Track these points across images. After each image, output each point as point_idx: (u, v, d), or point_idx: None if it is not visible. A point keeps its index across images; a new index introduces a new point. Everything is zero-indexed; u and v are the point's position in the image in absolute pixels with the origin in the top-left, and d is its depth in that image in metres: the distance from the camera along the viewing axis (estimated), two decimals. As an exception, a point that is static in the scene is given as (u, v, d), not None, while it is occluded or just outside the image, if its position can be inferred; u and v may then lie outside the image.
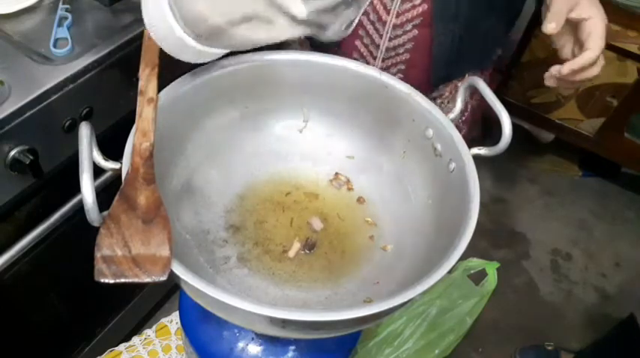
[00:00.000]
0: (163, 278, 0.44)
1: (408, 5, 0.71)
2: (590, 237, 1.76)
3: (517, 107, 1.69)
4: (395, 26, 0.73)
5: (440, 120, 0.61)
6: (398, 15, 0.72)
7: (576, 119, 1.68)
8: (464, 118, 0.85)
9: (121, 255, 0.45)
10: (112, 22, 0.84)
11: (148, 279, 0.44)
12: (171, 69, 0.58)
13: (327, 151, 0.70)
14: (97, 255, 0.44)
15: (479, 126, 1.27)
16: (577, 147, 1.77)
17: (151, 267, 0.45)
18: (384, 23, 0.73)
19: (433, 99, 0.84)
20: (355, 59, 0.78)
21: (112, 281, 0.44)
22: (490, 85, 0.61)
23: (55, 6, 0.82)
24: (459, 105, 0.62)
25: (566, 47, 0.64)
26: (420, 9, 0.71)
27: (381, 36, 0.75)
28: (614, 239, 1.75)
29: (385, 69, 0.78)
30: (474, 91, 0.71)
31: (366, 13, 0.73)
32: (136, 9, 0.86)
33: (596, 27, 0.59)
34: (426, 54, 0.76)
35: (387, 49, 0.76)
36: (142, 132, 0.50)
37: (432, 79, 0.79)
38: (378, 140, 0.68)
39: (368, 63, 0.78)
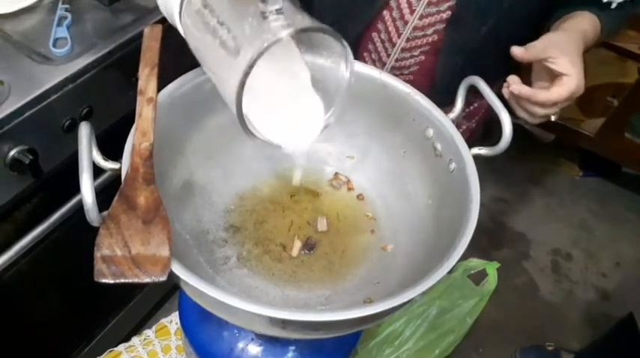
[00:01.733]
0: (163, 278, 0.44)
1: (432, 9, 0.73)
2: (591, 237, 1.75)
3: (517, 107, 1.69)
4: (415, 28, 0.74)
5: (440, 119, 0.60)
6: (420, 19, 0.74)
7: (577, 119, 1.68)
8: (470, 110, 0.85)
9: (121, 255, 0.45)
10: (112, 21, 0.84)
11: (147, 279, 0.44)
12: (171, 69, 0.58)
13: (327, 151, 0.70)
14: (97, 255, 0.44)
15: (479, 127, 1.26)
16: (577, 147, 1.77)
17: (150, 267, 0.45)
18: (405, 22, 0.74)
19: None
20: (369, 52, 0.79)
21: (111, 281, 0.44)
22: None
23: (55, 6, 0.82)
24: (459, 105, 0.62)
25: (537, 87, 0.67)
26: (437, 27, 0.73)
27: (389, 55, 0.77)
28: (615, 239, 1.75)
29: (396, 68, 0.79)
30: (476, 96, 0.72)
31: (389, 9, 0.74)
32: (136, 9, 0.86)
33: (568, 83, 0.62)
34: (429, 76, 0.78)
35: (403, 50, 0.77)
36: (141, 132, 0.50)
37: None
38: (378, 140, 0.68)
39: (380, 59, 0.79)
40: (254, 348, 0.69)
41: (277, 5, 0.45)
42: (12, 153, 0.72)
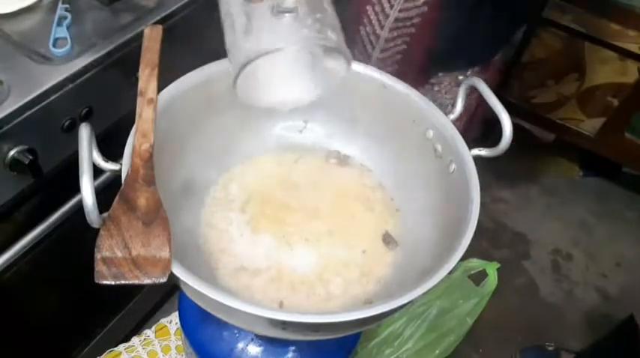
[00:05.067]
0: (163, 279, 0.44)
1: None
2: (591, 237, 1.75)
3: (517, 107, 1.69)
4: (396, 19, 0.74)
5: (440, 121, 0.60)
6: None
7: (577, 119, 1.68)
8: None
9: (121, 257, 0.45)
10: (112, 21, 0.84)
11: (147, 281, 0.44)
12: (171, 69, 0.58)
13: (327, 151, 0.70)
14: (97, 256, 0.44)
15: (478, 127, 1.26)
16: (577, 147, 1.77)
17: (151, 269, 0.45)
18: (386, 15, 0.74)
19: (431, 86, 0.84)
20: (364, 24, 0.79)
21: (112, 283, 0.44)
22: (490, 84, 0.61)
23: (55, 5, 0.82)
24: (459, 105, 0.62)
25: None
26: None
27: (392, 6, 0.76)
28: (615, 239, 1.75)
29: (390, 39, 0.78)
30: (471, 91, 0.72)
31: (371, 3, 0.75)
32: (136, 9, 0.86)
33: None
34: (432, 32, 0.77)
35: (396, 20, 0.77)
36: (141, 133, 0.50)
37: (433, 60, 0.80)
38: (378, 141, 0.68)
39: (374, 31, 0.79)
40: (254, 348, 0.69)
41: (290, 5, 0.45)
42: (12, 153, 0.72)
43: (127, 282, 0.44)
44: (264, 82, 0.54)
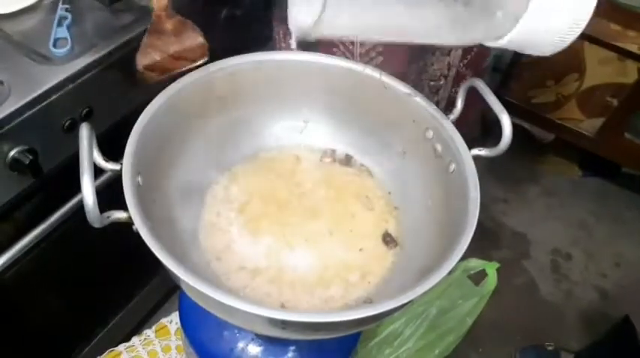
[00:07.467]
0: (205, 59, 0.54)
1: None
2: (590, 237, 1.75)
3: (517, 107, 1.69)
4: None
5: (440, 121, 0.60)
6: None
7: (576, 119, 1.68)
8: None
9: (161, 58, 0.54)
10: (112, 21, 0.84)
11: (193, 64, 0.54)
12: (170, 70, 0.59)
13: (327, 152, 0.70)
14: (139, 67, 0.53)
15: (478, 127, 1.26)
16: (577, 147, 1.76)
17: (192, 55, 0.54)
18: None
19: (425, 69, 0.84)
20: (336, 45, 0.78)
21: (160, 78, 0.53)
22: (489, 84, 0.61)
23: (55, 6, 0.82)
24: (459, 105, 0.62)
25: None
26: None
27: (352, 54, 0.75)
28: (615, 239, 1.75)
29: (365, 54, 0.78)
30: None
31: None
32: (136, 9, 0.86)
33: None
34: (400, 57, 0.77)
35: (361, 54, 0.76)
36: None
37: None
38: (378, 141, 0.68)
39: (348, 49, 0.79)
40: (254, 348, 0.69)
41: None
42: (12, 153, 0.72)
43: (174, 72, 0.53)
44: None
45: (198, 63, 0.56)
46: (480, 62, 0.88)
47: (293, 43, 0.61)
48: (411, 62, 0.81)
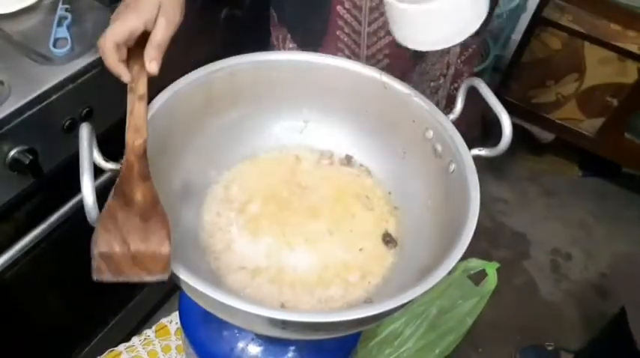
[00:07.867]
0: (165, 276, 0.43)
1: None
2: (590, 236, 1.75)
3: (517, 107, 1.69)
4: (372, 9, 0.73)
5: (440, 121, 0.60)
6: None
7: (576, 119, 1.68)
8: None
9: (120, 252, 0.43)
10: (112, 21, 0.84)
11: (149, 278, 0.43)
12: (170, 70, 0.58)
13: (327, 152, 0.70)
14: (94, 252, 0.43)
15: (478, 127, 1.26)
16: (577, 147, 1.77)
17: (151, 265, 0.43)
18: (359, 9, 0.73)
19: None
20: (340, 49, 0.78)
21: (112, 280, 0.43)
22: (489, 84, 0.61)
23: (55, 6, 0.82)
24: (459, 105, 0.62)
25: None
26: None
27: (360, 22, 0.75)
28: (614, 239, 1.75)
29: (371, 56, 0.78)
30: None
31: (341, 2, 0.74)
32: (136, 9, 0.86)
33: None
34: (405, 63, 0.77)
35: (369, 35, 0.76)
36: (134, 129, 0.50)
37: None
38: (378, 141, 0.68)
39: (354, 52, 0.78)
40: (254, 348, 0.69)
41: None
42: (12, 153, 0.72)
43: (127, 279, 0.43)
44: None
45: (154, 278, 0.43)
46: (475, 57, 0.89)
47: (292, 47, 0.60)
48: (415, 64, 0.81)
